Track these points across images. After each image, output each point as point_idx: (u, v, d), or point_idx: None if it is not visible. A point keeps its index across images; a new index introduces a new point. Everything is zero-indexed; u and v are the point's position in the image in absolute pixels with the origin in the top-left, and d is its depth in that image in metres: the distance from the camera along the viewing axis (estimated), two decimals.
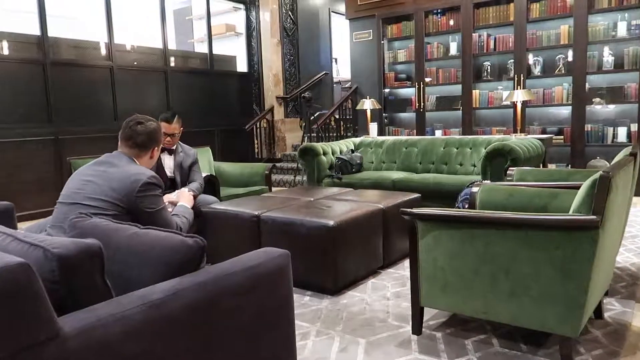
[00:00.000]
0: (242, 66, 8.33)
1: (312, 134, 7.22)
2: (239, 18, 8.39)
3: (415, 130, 6.71)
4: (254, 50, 8.26)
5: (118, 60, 6.37)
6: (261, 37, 8.15)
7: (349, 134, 7.35)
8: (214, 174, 4.01)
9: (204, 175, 3.95)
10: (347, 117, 7.62)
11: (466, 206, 2.82)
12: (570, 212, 1.90)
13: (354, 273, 2.92)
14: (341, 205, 3.17)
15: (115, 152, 2.00)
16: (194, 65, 7.82)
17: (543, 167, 4.72)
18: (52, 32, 5.67)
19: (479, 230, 1.96)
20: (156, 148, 2.19)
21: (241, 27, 8.31)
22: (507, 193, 2.61)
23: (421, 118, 6.64)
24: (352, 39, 7.38)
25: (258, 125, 7.89)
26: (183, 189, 2.25)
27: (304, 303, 2.70)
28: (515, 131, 5.12)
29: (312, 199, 3.52)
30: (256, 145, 7.93)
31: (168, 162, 3.60)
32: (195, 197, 3.41)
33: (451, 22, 6.41)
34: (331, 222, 2.72)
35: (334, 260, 2.73)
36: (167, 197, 2.29)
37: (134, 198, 1.88)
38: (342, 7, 8.50)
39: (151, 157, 2.17)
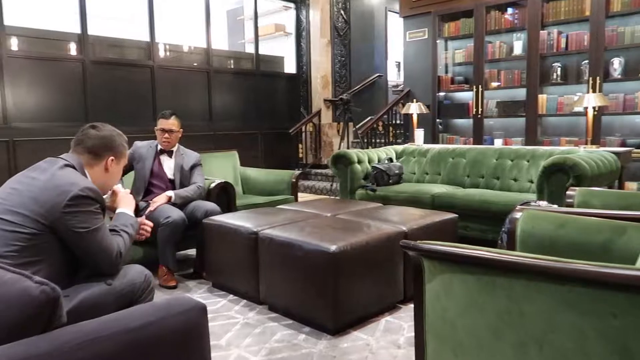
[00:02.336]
0: (290, 67, 8.01)
1: (356, 140, 6.74)
2: (288, 17, 8.08)
3: (472, 139, 6.04)
4: (303, 50, 7.90)
5: (159, 60, 6.23)
6: (310, 37, 7.78)
7: (399, 141, 6.79)
8: (228, 181, 3.64)
9: (218, 181, 3.61)
10: (398, 122, 7.06)
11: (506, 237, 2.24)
12: None
13: (362, 309, 2.42)
14: (357, 225, 2.67)
15: (55, 158, 1.65)
16: (240, 66, 7.59)
17: (619, 187, 3.95)
18: (92, 31, 5.61)
19: (501, 279, 1.41)
20: (113, 160, 1.75)
21: (291, 27, 7.99)
22: (558, 223, 2.00)
23: (479, 125, 5.95)
24: (406, 38, 6.81)
25: (304, 129, 7.52)
26: (119, 186, 1.82)
27: (296, 344, 2.24)
28: (586, 142, 4.36)
29: (329, 215, 3.05)
30: (300, 150, 7.56)
31: (168, 163, 3.36)
32: (189, 201, 3.21)
33: (516, 19, 5.69)
34: (332, 247, 2.24)
35: (334, 294, 2.25)
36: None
37: (59, 214, 1.49)
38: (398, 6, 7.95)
39: (106, 170, 1.75)
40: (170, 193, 3.16)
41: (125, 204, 1.84)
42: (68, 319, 1.51)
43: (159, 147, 3.35)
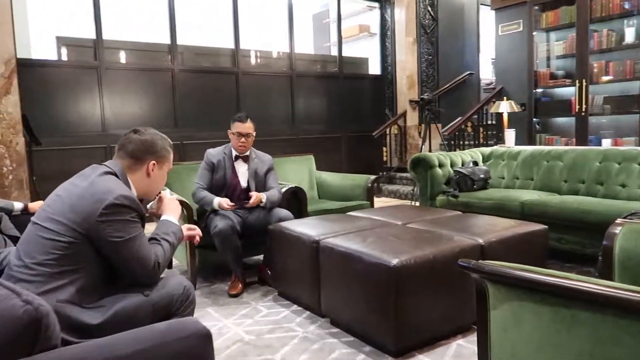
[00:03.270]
0: (375, 68, 7.81)
1: (445, 142, 6.36)
2: (373, 17, 7.89)
3: (574, 139, 5.42)
4: (388, 50, 7.67)
5: (243, 66, 6.36)
6: (395, 37, 7.52)
7: (490, 143, 6.30)
8: (299, 186, 3.55)
9: (290, 186, 3.54)
10: (490, 122, 6.58)
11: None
12: None
13: (429, 330, 2.18)
14: (427, 236, 2.43)
15: (98, 165, 1.63)
16: (324, 69, 7.54)
17: None
18: (181, 41, 5.85)
19: (584, 314, 1.13)
20: (155, 163, 1.70)
21: (375, 27, 7.80)
22: None
23: (582, 124, 5.33)
24: (498, 32, 6.33)
25: (388, 132, 7.28)
26: (167, 193, 1.76)
27: None
28: None
29: (400, 223, 2.83)
30: (385, 153, 7.32)
31: (242, 170, 3.26)
32: (275, 206, 3.14)
33: (628, 3, 5.00)
34: (394, 261, 2.03)
35: (395, 312, 2.04)
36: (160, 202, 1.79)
37: (95, 223, 1.46)
38: None
39: (148, 175, 1.69)
40: (264, 197, 3.08)
41: (170, 210, 1.78)
42: (103, 330, 1.49)
43: (234, 152, 3.27)
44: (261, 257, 3.38)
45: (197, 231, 1.92)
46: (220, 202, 3.03)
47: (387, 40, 7.68)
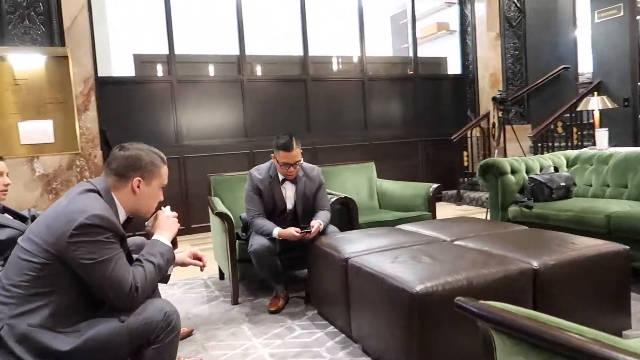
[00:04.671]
0: (454, 68, 7.34)
1: (534, 144, 5.76)
2: (452, 14, 7.42)
3: None
4: (469, 48, 7.16)
5: (312, 73, 6.29)
6: (476, 33, 7.00)
7: (588, 144, 5.59)
8: (348, 196, 3.35)
9: (339, 195, 3.35)
10: (587, 122, 5.85)
11: None
12: None
13: None
14: (472, 257, 2.10)
15: (84, 182, 1.58)
16: (398, 71, 7.24)
17: None
18: (249, 52, 5.92)
19: None
20: (140, 180, 1.60)
21: (455, 24, 7.33)
22: None
23: None
24: (594, 19, 5.62)
25: (469, 134, 6.77)
26: (166, 209, 1.65)
27: None
28: None
29: (448, 240, 2.52)
30: (466, 158, 6.82)
31: (289, 193, 3.02)
32: (321, 230, 2.81)
33: None
34: (418, 287, 1.76)
35: (420, 344, 1.76)
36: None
37: (65, 244, 1.39)
38: None
39: (134, 192, 1.60)
40: (322, 225, 2.80)
41: (163, 229, 1.68)
42: (75, 357, 1.41)
43: (280, 175, 2.97)
44: None
45: (200, 262, 1.84)
46: (282, 233, 2.77)
47: (467, 37, 7.18)
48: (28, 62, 4.52)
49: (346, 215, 3.37)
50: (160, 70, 5.67)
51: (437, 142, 6.92)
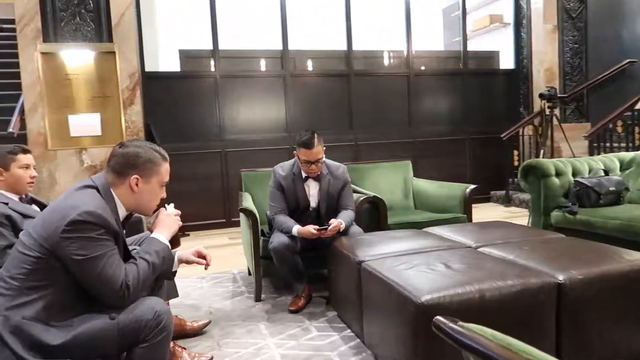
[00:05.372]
0: (507, 62, 6.99)
1: (594, 145, 5.38)
2: (506, 6, 7.07)
3: None
4: (524, 41, 6.79)
5: (356, 67, 6.19)
6: (532, 25, 6.62)
7: None
8: (377, 195, 3.25)
9: (367, 194, 3.26)
10: None
11: None
12: None
13: None
14: (492, 266, 1.96)
15: (87, 178, 1.60)
16: (447, 65, 6.99)
17: None
18: (292, 46, 5.90)
19: None
20: (138, 178, 1.59)
21: (509, 16, 6.98)
22: None
23: None
24: None
25: (521, 132, 6.43)
26: (169, 207, 1.64)
27: None
28: None
29: (473, 246, 2.38)
30: (516, 157, 6.49)
31: (313, 191, 2.96)
32: (344, 230, 2.76)
33: None
34: (424, 297, 1.66)
35: (425, 355, 1.66)
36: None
37: (58, 239, 1.40)
38: None
39: (132, 190, 1.59)
40: (343, 224, 2.75)
41: (162, 227, 1.68)
42: (65, 351, 1.43)
43: (303, 173, 2.94)
44: None
45: (204, 261, 1.83)
46: (301, 231, 2.72)
47: (522, 29, 6.80)
48: (78, 58, 4.72)
49: (375, 215, 3.28)
50: (204, 65, 5.77)
51: (486, 140, 6.63)
